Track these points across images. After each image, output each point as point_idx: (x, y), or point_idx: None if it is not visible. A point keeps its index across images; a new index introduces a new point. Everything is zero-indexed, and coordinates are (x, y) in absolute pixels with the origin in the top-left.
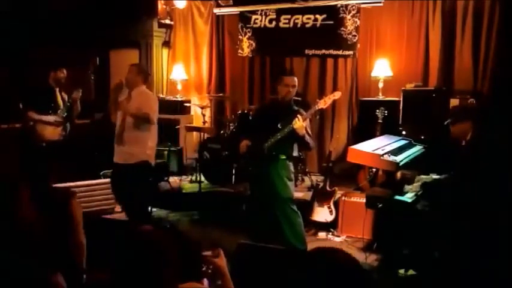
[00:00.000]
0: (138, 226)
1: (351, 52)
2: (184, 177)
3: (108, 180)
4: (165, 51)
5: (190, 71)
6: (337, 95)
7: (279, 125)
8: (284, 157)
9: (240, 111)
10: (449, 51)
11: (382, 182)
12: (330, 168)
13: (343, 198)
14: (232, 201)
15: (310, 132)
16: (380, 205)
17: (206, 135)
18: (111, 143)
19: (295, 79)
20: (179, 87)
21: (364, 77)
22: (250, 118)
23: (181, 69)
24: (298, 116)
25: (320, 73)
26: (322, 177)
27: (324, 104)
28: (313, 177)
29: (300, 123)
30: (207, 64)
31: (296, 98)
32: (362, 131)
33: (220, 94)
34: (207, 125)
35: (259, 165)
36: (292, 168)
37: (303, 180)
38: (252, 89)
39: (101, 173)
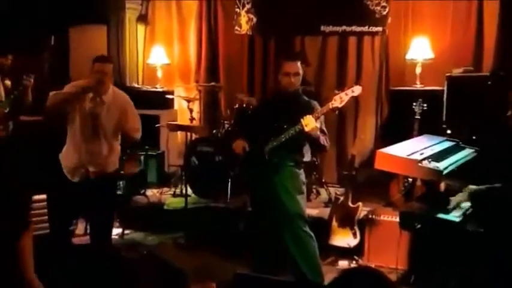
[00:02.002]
0: (107, 252)
1: (379, 28)
2: (166, 189)
3: None
4: (140, 28)
5: (173, 53)
6: (356, 90)
7: (285, 125)
8: (292, 164)
9: (237, 105)
10: (509, 25)
11: (420, 195)
12: (352, 177)
13: (370, 216)
14: (228, 219)
15: (325, 130)
16: (418, 225)
17: (194, 136)
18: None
19: (298, 65)
20: (159, 74)
21: (396, 60)
22: (250, 114)
23: (162, 52)
24: (310, 116)
25: (339, 56)
26: (342, 190)
27: (339, 101)
28: (331, 189)
29: (311, 124)
30: (195, 45)
31: (307, 88)
32: (394, 130)
33: (212, 83)
34: (195, 122)
35: (260, 174)
36: (303, 177)
37: (318, 193)
38: (252, 77)
39: None
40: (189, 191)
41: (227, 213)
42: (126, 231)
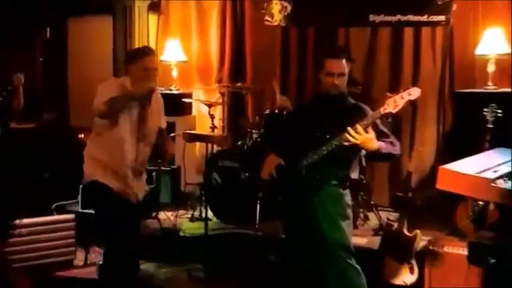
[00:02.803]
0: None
1: (442, 17)
2: (182, 212)
3: (66, 217)
4: (152, 18)
5: (191, 49)
6: (413, 93)
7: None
8: (335, 182)
9: (268, 111)
10: None
11: (493, 222)
12: (408, 199)
13: (431, 247)
14: (256, 249)
15: (386, 131)
16: (492, 260)
17: (216, 148)
18: (70, 161)
19: (344, 63)
20: (174, 74)
21: (463, 56)
22: (284, 121)
23: (178, 47)
24: (356, 126)
25: (393, 51)
26: (396, 214)
27: (393, 106)
28: (383, 214)
29: (359, 136)
30: (218, 39)
31: (355, 90)
32: (460, 142)
33: (238, 84)
34: (217, 131)
35: (296, 195)
36: (348, 199)
37: (366, 218)
38: (286, 76)
39: (53, 206)
40: (210, 214)
41: (255, 241)
42: None
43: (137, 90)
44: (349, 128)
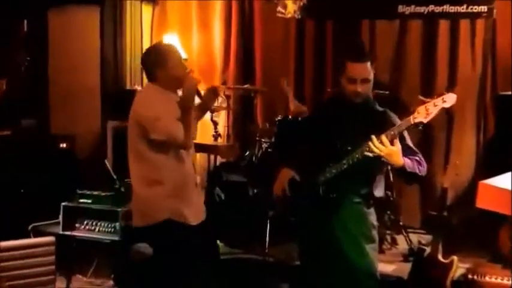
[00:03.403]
0: None
1: (483, 8)
2: None
3: (45, 240)
4: (146, 9)
5: (191, 45)
6: (449, 100)
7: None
8: (358, 200)
9: (280, 117)
10: None
11: None
12: (443, 220)
13: (470, 276)
14: (266, 276)
15: (413, 146)
16: None
17: (220, 160)
18: (50, 174)
19: (369, 67)
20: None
21: (508, 53)
22: (299, 128)
23: (176, 42)
24: (382, 136)
25: (425, 48)
26: (429, 237)
27: (424, 114)
28: (413, 237)
29: (384, 148)
30: (222, 33)
31: (381, 92)
32: (503, 152)
33: (246, 86)
34: (221, 140)
35: (312, 215)
36: (373, 219)
37: (394, 241)
38: (301, 77)
39: (30, 227)
40: None
41: (265, 268)
42: None
43: (186, 93)
44: (373, 137)
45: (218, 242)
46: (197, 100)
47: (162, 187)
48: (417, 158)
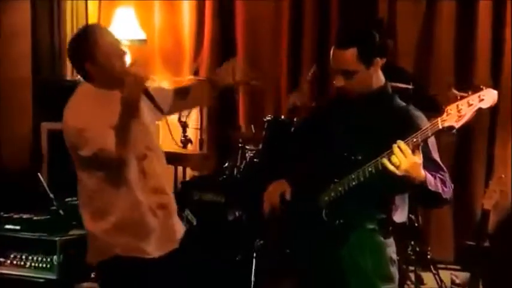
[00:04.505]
0: None
1: None
2: None
3: None
4: None
5: (153, 22)
6: (488, 97)
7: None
8: (372, 227)
9: (269, 117)
10: None
11: None
12: (484, 251)
13: None
14: None
15: (438, 160)
16: None
17: (191, 173)
18: None
19: (351, 55)
20: (127, 59)
21: None
22: (294, 132)
23: (133, 19)
24: (400, 143)
25: (460, 31)
26: (466, 274)
27: (456, 117)
28: (445, 274)
29: (405, 160)
30: (193, 8)
31: (405, 86)
32: None
33: None
34: (191, 148)
35: (313, 246)
36: (392, 251)
37: (419, 280)
38: (297, 64)
39: None
40: None
41: None
42: None
43: (128, 94)
44: (394, 145)
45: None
46: (147, 102)
47: (106, 219)
48: (441, 175)
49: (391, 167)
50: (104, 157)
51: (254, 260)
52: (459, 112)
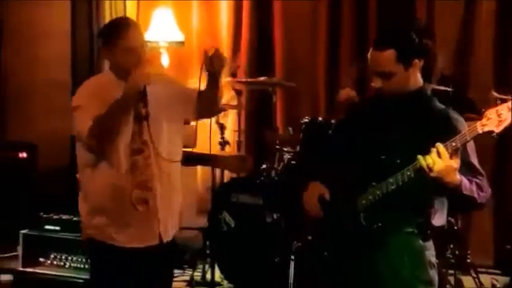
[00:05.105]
0: None
1: None
2: (176, 272)
3: (3, 279)
4: None
5: (191, 23)
6: None
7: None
8: (410, 229)
9: (306, 119)
10: None
11: None
12: None
13: None
14: None
15: (477, 165)
16: None
17: (229, 175)
18: (6, 192)
19: (388, 56)
20: (165, 61)
21: None
22: (332, 134)
23: (171, 21)
24: (439, 145)
25: (499, 31)
26: (506, 279)
27: (496, 121)
28: (485, 278)
29: (439, 162)
30: (231, 9)
31: (444, 88)
32: None
33: (262, 79)
34: (229, 149)
35: (350, 249)
36: (431, 255)
37: (459, 284)
38: (335, 65)
39: None
40: (218, 276)
41: None
42: None
43: (126, 90)
44: (433, 149)
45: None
46: (163, 101)
47: (87, 201)
48: (478, 179)
49: (424, 165)
50: (80, 140)
51: (292, 262)
52: (499, 117)
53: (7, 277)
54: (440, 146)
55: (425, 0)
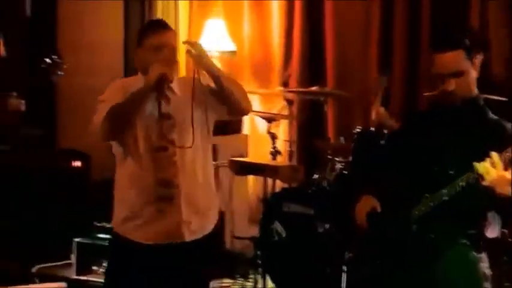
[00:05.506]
0: None
1: None
2: (227, 282)
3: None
4: None
5: (242, 34)
6: None
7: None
8: (463, 241)
9: (358, 128)
10: None
11: None
12: None
13: None
14: None
15: None
16: None
17: (280, 185)
18: (59, 200)
19: (461, 56)
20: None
21: None
22: (384, 145)
23: (223, 29)
24: (493, 155)
25: None
26: None
27: None
28: None
29: (493, 172)
30: (282, 19)
31: (498, 98)
32: None
33: (314, 88)
34: (281, 159)
35: (402, 260)
36: (485, 267)
37: None
38: (388, 75)
39: (34, 270)
40: (270, 285)
41: None
42: None
43: (145, 81)
44: (488, 158)
45: None
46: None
47: (115, 192)
48: None
49: (479, 172)
50: (93, 127)
51: (344, 273)
52: None
53: (61, 285)
54: (495, 155)
55: (478, 10)
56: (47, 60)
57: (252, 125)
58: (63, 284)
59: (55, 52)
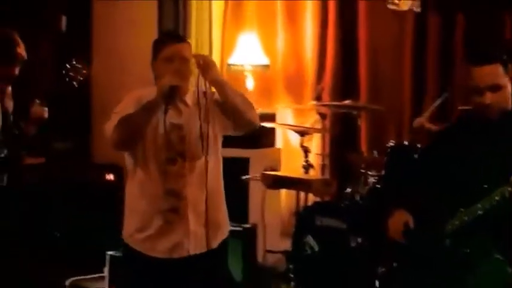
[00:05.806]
0: None
1: None
2: None
3: None
4: (218, 3)
5: (275, 48)
6: None
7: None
8: (498, 256)
9: (392, 142)
10: None
11: None
12: None
13: None
14: None
15: None
16: None
17: (313, 198)
18: (92, 213)
19: (499, 70)
20: (249, 84)
21: None
22: (417, 159)
23: (256, 45)
24: None
25: None
26: None
27: None
28: None
29: None
30: (316, 34)
31: None
32: None
33: (347, 102)
34: (313, 173)
35: (437, 275)
36: None
37: None
38: (420, 89)
39: (68, 283)
40: None
41: None
42: None
43: (157, 92)
44: None
45: None
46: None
47: (126, 200)
48: None
49: None
50: (105, 136)
51: (377, 285)
52: None
53: None
54: None
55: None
56: (67, 65)
57: (285, 138)
58: None
59: (82, 57)
